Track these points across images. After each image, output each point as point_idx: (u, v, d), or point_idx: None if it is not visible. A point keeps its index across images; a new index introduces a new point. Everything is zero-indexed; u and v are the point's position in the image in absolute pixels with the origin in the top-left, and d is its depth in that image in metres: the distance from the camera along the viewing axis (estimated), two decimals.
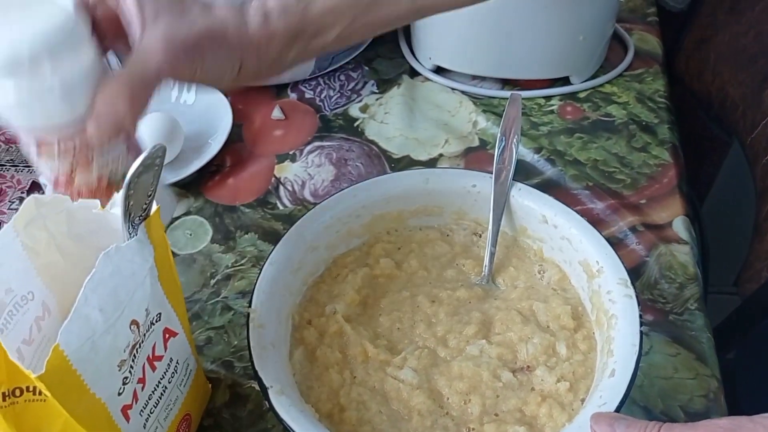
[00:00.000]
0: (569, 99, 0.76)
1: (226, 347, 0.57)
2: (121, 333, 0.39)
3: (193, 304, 0.60)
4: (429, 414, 0.46)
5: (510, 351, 0.49)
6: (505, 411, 0.47)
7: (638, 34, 0.84)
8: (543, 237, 0.55)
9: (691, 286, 0.59)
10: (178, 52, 0.42)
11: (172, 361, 0.46)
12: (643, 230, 0.63)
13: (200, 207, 0.68)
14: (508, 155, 0.56)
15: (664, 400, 0.52)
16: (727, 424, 0.36)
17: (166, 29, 0.41)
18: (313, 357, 0.50)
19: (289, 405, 0.44)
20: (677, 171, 0.68)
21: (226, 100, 0.74)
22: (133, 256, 0.39)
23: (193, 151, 0.70)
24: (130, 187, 0.37)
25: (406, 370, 0.48)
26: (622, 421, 0.40)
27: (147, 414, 0.43)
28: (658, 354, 0.55)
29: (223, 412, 0.53)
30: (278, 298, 0.50)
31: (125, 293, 0.39)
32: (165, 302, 0.44)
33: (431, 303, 0.52)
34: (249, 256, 0.63)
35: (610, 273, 0.50)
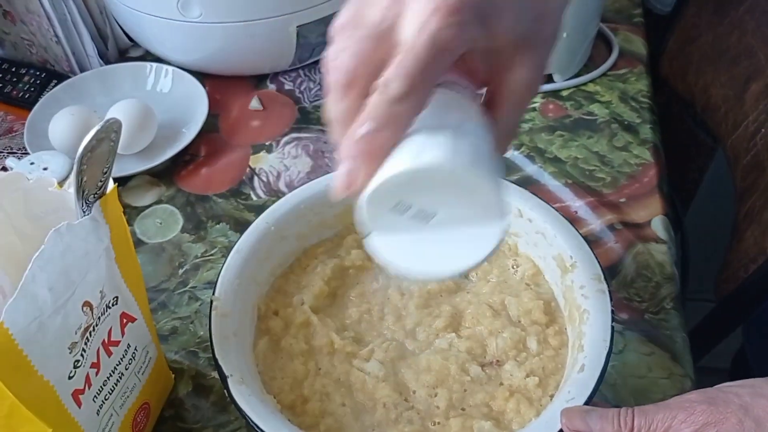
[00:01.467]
0: (552, 97, 0.76)
1: (191, 337, 0.55)
2: (72, 314, 0.37)
3: (159, 293, 0.58)
4: (394, 407, 0.45)
5: (479, 345, 0.48)
6: (471, 405, 0.46)
7: (623, 35, 0.83)
8: (518, 231, 0.54)
9: (668, 286, 0.58)
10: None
11: (130, 347, 0.44)
12: (621, 228, 0.62)
13: (172, 196, 0.66)
14: None
15: (637, 399, 0.51)
16: (698, 397, 0.36)
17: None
18: (277, 347, 0.49)
19: (248, 395, 0.43)
20: (658, 171, 0.68)
21: (203, 89, 0.73)
22: (87, 235, 0.38)
23: (166, 140, 0.69)
24: (82, 162, 0.35)
25: (372, 363, 0.47)
26: (593, 412, 0.39)
27: (101, 400, 0.42)
28: (632, 353, 0.54)
29: (186, 402, 0.52)
30: (244, 287, 0.49)
31: (77, 273, 0.37)
32: (122, 285, 0.42)
33: (401, 295, 0.51)
34: (219, 247, 0.62)
35: (583, 268, 0.49)
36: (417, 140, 0.32)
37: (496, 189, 0.32)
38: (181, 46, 0.74)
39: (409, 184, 0.31)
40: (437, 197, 0.32)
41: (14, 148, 0.71)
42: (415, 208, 0.32)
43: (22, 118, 0.73)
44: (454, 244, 0.33)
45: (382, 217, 0.33)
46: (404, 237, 0.33)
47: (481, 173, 0.31)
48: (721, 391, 0.36)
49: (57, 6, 0.72)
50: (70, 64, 0.76)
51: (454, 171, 0.31)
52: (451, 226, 0.33)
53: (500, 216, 0.32)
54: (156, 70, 0.76)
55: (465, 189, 0.31)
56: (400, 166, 0.31)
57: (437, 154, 0.31)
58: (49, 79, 0.77)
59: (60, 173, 0.59)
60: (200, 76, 0.75)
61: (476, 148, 0.32)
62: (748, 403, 0.35)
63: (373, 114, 0.31)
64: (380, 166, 0.32)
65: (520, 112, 0.37)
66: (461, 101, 0.35)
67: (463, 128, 0.33)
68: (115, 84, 0.75)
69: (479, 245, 0.33)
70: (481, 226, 0.33)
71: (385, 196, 0.32)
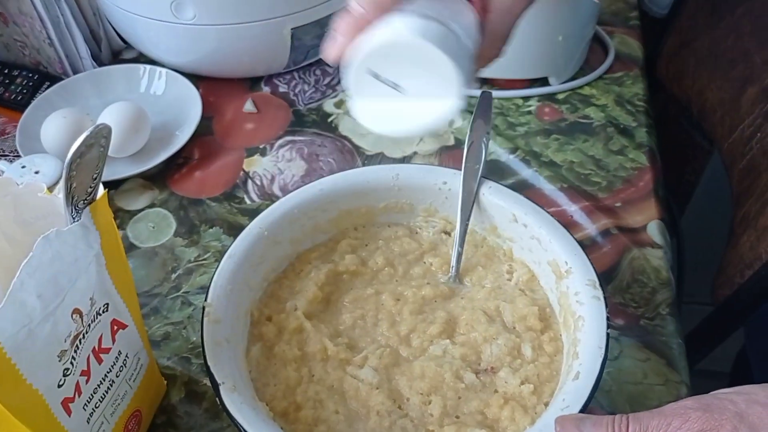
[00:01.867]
0: (547, 100, 0.75)
1: (183, 343, 0.55)
2: (61, 321, 0.37)
3: (152, 298, 0.58)
4: (388, 414, 0.45)
5: (474, 352, 0.48)
6: (466, 413, 0.45)
7: (619, 38, 0.83)
8: (513, 236, 0.54)
9: (664, 291, 0.57)
10: None
11: (121, 354, 0.44)
12: (616, 233, 0.62)
13: (165, 199, 0.66)
14: (478, 154, 0.55)
15: (632, 406, 0.51)
16: (694, 404, 0.36)
17: None
18: (270, 353, 0.48)
19: (240, 402, 0.42)
20: (654, 175, 0.68)
21: (197, 92, 0.72)
22: (76, 242, 0.37)
23: (160, 142, 0.69)
24: (72, 168, 0.35)
25: (366, 369, 0.47)
26: (587, 420, 0.38)
27: (91, 408, 0.42)
28: (627, 359, 0.53)
29: (178, 409, 0.51)
30: (236, 292, 0.49)
31: (66, 280, 0.37)
32: (113, 292, 0.42)
33: (396, 301, 0.51)
34: (213, 251, 0.61)
35: (578, 274, 0.48)
36: (395, 19, 0.38)
37: (456, 67, 0.37)
38: (174, 48, 0.73)
39: (382, 56, 0.37)
40: (407, 70, 0.38)
41: (6, 150, 0.71)
42: (388, 78, 0.38)
43: (14, 121, 0.72)
44: (418, 111, 0.39)
45: (362, 83, 0.38)
46: (379, 101, 0.39)
47: (444, 51, 0.36)
48: (716, 398, 0.36)
49: (50, 8, 0.72)
50: (63, 66, 0.76)
51: (416, 45, 0.36)
52: (417, 96, 0.38)
53: (456, 93, 0.38)
54: (149, 72, 0.75)
55: (430, 64, 0.37)
56: (374, 40, 0.37)
57: (407, 31, 0.37)
58: (42, 81, 0.77)
59: (52, 176, 0.59)
60: (194, 78, 0.75)
61: (446, 34, 0.38)
62: (744, 410, 0.35)
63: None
64: (359, 39, 0.38)
65: (510, 19, 0.42)
66: (454, 1, 0.41)
67: (443, 17, 0.39)
68: (108, 86, 0.75)
69: (436, 114, 0.39)
70: (441, 99, 0.38)
71: (362, 64, 0.38)
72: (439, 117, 0.39)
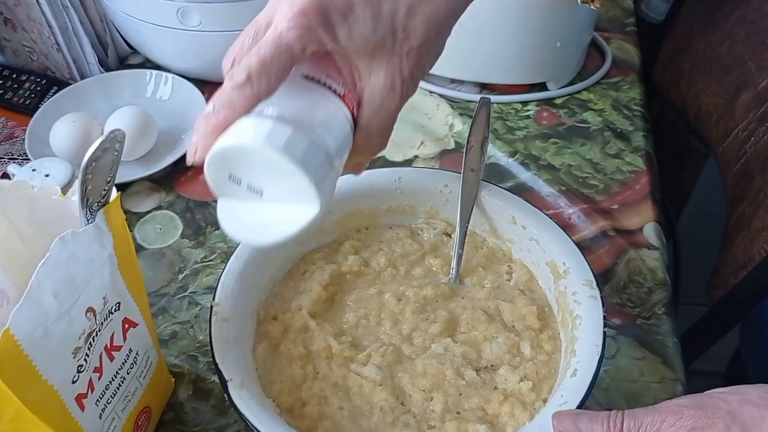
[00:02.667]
0: (546, 105, 0.77)
1: (191, 342, 0.56)
2: (76, 320, 0.38)
3: (159, 298, 0.59)
4: (391, 411, 0.46)
5: (474, 350, 0.49)
6: (467, 409, 0.46)
7: (616, 43, 0.84)
8: (512, 238, 0.55)
9: (660, 291, 0.59)
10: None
11: (132, 351, 0.45)
12: (613, 235, 0.63)
13: (171, 202, 0.67)
14: (478, 158, 0.56)
15: (629, 403, 0.52)
16: (688, 402, 0.37)
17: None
18: (276, 352, 0.50)
19: (248, 398, 0.43)
20: (650, 178, 0.69)
21: (202, 96, 0.74)
22: (91, 243, 0.39)
23: (166, 146, 0.70)
24: (87, 172, 0.36)
25: (369, 367, 0.48)
26: (583, 415, 0.40)
27: (103, 404, 0.43)
28: (624, 357, 0.55)
29: (185, 406, 0.52)
30: (243, 292, 0.50)
31: (81, 279, 0.38)
32: (125, 292, 0.43)
33: (398, 301, 0.52)
34: (218, 252, 0.63)
35: (576, 274, 0.50)
36: (246, 122, 0.36)
37: (307, 174, 0.35)
38: (180, 54, 0.75)
39: (233, 159, 0.36)
40: (263, 175, 0.36)
41: (15, 153, 0.72)
42: (245, 182, 0.37)
43: (22, 124, 0.74)
44: (275, 218, 0.37)
45: (223, 185, 0.37)
46: (240, 205, 0.38)
47: (290, 159, 0.35)
48: (710, 397, 0.37)
49: (58, 14, 0.73)
50: (71, 71, 0.77)
51: (261, 152, 0.35)
52: (275, 202, 0.37)
53: (313, 200, 0.36)
54: (156, 77, 0.76)
55: (282, 171, 0.35)
56: (220, 143, 0.36)
57: (251, 135, 0.35)
58: (50, 85, 0.78)
59: (61, 179, 0.60)
60: (199, 83, 0.76)
61: (298, 134, 0.35)
62: (736, 410, 0.36)
63: (217, 96, 0.37)
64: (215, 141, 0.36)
65: (383, 114, 0.40)
66: (321, 97, 0.39)
67: (305, 117, 0.37)
68: (115, 91, 0.76)
69: (292, 223, 0.37)
70: (298, 207, 0.36)
71: (217, 168, 0.36)
72: (297, 225, 0.37)
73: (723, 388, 0.38)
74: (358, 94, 0.40)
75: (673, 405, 0.37)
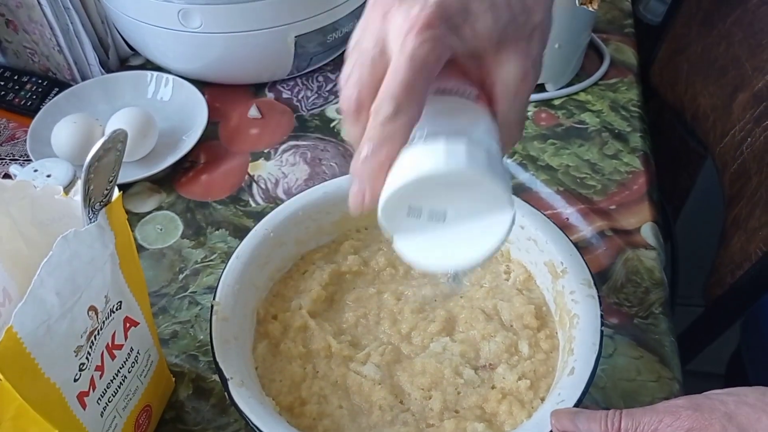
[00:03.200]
0: (544, 106, 0.77)
1: (191, 341, 0.57)
2: (78, 318, 0.39)
3: (160, 298, 0.59)
4: (390, 409, 0.47)
5: (473, 349, 0.50)
6: (465, 407, 0.47)
7: (614, 45, 0.85)
8: (510, 238, 0.55)
9: (657, 291, 0.59)
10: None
11: (133, 350, 0.46)
12: (611, 235, 0.64)
13: (172, 202, 0.68)
14: None
15: (626, 402, 0.52)
16: (685, 403, 0.37)
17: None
18: (276, 350, 0.50)
19: (248, 397, 0.44)
20: (648, 178, 0.69)
21: (203, 98, 0.74)
22: (93, 242, 0.39)
23: (167, 147, 0.70)
24: (90, 171, 0.37)
25: (368, 366, 0.48)
26: (581, 414, 0.40)
27: (105, 402, 0.43)
28: (621, 356, 0.55)
29: (186, 405, 0.53)
30: (243, 292, 0.51)
31: (83, 278, 0.38)
32: (126, 291, 0.44)
33: (397, 300, 0.53)
34: (219, 252, 0.63)
35: (573, 274, 0.50)
36: (415, 151, 0.34)
37: (497, 181, 0.34)
38: (181, 56, 0.75)
39: (413, 192, 0.34)
40: (444, 197, 0.35)
41: (16, 155, 0.73)
42: (426, 210, 0.35)
43: (24, 126, 0.74)
44: (468, 236, 0.36)
45: (400, 222, 0.35)
46: (423, 236, 0.36)
47: (477, 170, 0.33)
48: (707, 398, 0.37)
49: (59, 16, 0.73)
50: (72, 72, 0.78)
51: (449, 174, 0.33)
52: (463, 221, 0.35)
53: (506, 205, 0.35)
54: (156, 78, 0.77)
55: (467, 186, 0.34)
56: (400, 179, 0.34)
57: (431, 163, 0.33)
58: (51, 87, 0.78)
59: (63, 180, 0.60)
60: (200, 84, 0.76)
61: (471, 146, 0.34)
62: (733, 411, 0.36)
63: (370, 136, 0.34)
64: (384, 182, 0.35)
65: (519, 104, 0.38)
66: (460, 105, 0.37)
67: (458, 129, 0.35)
68: (116, 92, 0.76)
69: (492, 234, 0.35)
70: (490, 217, 0.35)
71: (395, 206, 0.35)
72: (499, 235, 0.35)
73: (720, 390, 0.39)
74: (488, 90, 0.38)
75: (670, 405, 0.38)
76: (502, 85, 0.37)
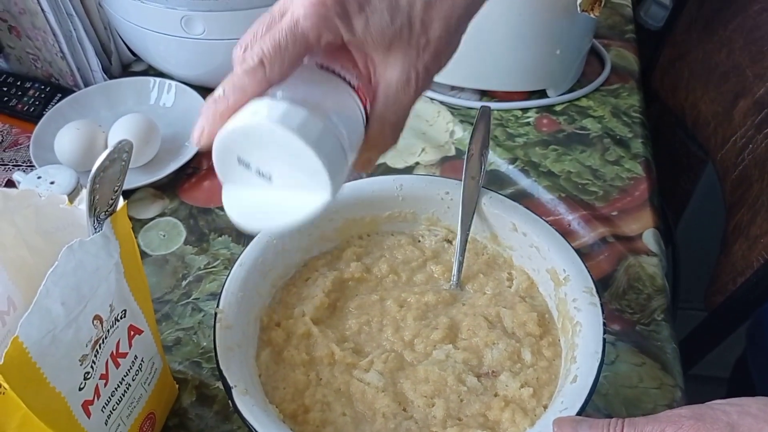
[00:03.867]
0: (546, 112, 0.77)
1: (194, 348, 0.57)
2: (83, 327, 0.39)
3: (163, 304, 0.60)
4: (393, 416, 0.47)
5: (475, 356, 0.50)
6: (468, 415, 0.47)
7: (616, 51, 0.85)
8: (513, 245, 0.55)
9: (659, 298, 0.59)
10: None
11: (137, 358, 0.46)
12: (613, 241, 0.64)
13: (175, 209, 0.68)
14: (478, 165, 0.57)
15: (628, 409, 0.53)
16: (687, 413, 0.37)
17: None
18: (279, 358, 0.50)
19: (252, 405, 0.44)
20: (649, 185, 0.69)
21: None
22: (98, 251, 0.39)
23: (169, 153, 0.70)
24: (95, 181, 0.37)
25: (372, 373, 0.49)
26: (584, 422, 0.40)
27: (109, 411, 0.43)
28: (623, 363, 0.55)
29: (189, 412, 0.53)
30: (247, 299, 0.51)
31: (88, 288, 0.39)
32: (131, 299, 0.44)
33: (399, 307, 0.53)
34: (222, 259, 0.63)
35: (576, 281, 0.50)
36: (258, 103, 0.35)
37: (321, 157, 0.34)
38: (184, 62, 0.75)
39: (244, 141, 0.35)
40: (273, 159, 0.35)
41: (19, 161, 0.73)
42: (254, 166, 0.36)
43: (27, 132, 0.74)
44: (285, 204, 0.37)
45: (230, 170, 0.36)
46: (247, 193, 0.37)
47: (304, 139, 0.34)
48: (710, 408, 0.37)
49: (62, 22, 0.74)
50: (75, 78, 0.78)
51: (274, 131, 0.34)
52: (284, 188, 0.36)
53: (325, 187, 0.35)
54: (159, 84, 0.77)
55: (294, 154, 0.34)
56: (231, 124, 0.35)
57: (263, 115, 0.34)
58: (54, 93, 0.79)
59: (66, 187, 0.60)
60: (203, 90, 0.76)
61: (311, 117, 0.35)
62: (735, 421, 0.36)
63: (226, 81, 0.37)
64: (223, 124, 0.36)
65: (397, 109, 0.40)
66: (333, 85, 0.38)
67: (316, 103, 0.36)
68: (119, 98, 0.77)
69: (303, 209, 0.36)
70: (308, 194, 0.36)
71: (225, 150, 0.36)
72: (305, 211, 0.36)
73: (723, 400, 0.39)
74: (373, 88, 0.39)
75: (673, 415, 0.38)
76: (385, 85, 0.39)
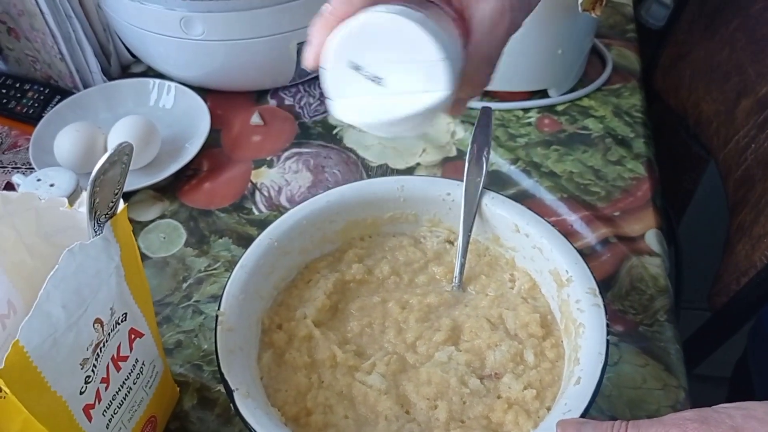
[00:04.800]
0: (547, 112, 0.77)
1: (195, 351, 0.56)
2: (84, 331, 0.39)
3: (164, 307, 0.59)
4: (395, 419, 0.46)
5: (478, 358, 0.49)
6: (471, 417, 0.47)
7: (617, 50, 0.85)
8: (515, 246, 0.55)
9: (662, 298, 0.59)
10: None
11: (138, 362, 0.45)
12: (615, 242, 0.63)
13: (175, 211, 0.68)
14: (479, 166, 0.57)
15: (631, 410, 0.52)
16: (692, 416, 0.37)
17: None
18: (281, 360, 0.50)
19: (254, 408, 0.44)
20: (651, 185, 0.69)
21: (205, 105, 0.74)
22: (98, 255, 0.39)
23: (169, 155, 0.70)
24: (95, 184, 0.37)
25: (374, 376, 0.48)
26: (588, 424, 0.40)
27: (110, 414, 0.43)
28: (627, 364, 0.55)
29: (191, 415, 0.53)
30: (248, 301, 0.50)
31: (89, 291, 0.38)
32: (131, 302, 0.44)
33: (401, 309, 0.53)
34: (222, 261, 0.63)
35: (579, 282, 0.50)
36: (371, 10, 0.36)
37: (441, 50, 0.34)
38: (183, 63, 0.75)
39: (357, 42, 0.35)
40: (385, 59, 0.36)
41: (18, 163, 0.73)
42: (367, 70, 0.36)
43: (26, 134, 0.74)
44: (403, 105, 0.37)
45: (341, 80, 0.37)
46: (360, 100, 0.37)
47: (424, 30, 0.34)
48: (715, 411, 0.37)
49: (61, 24, 0.73)
50: (74, 80, 0.78)
51: (394, 21, 0.34)
52: (399, 91, 0.36)
53: (442, 82, 0.35)
54: (159, 86, 0.77)
55: (411, 48, 0.35)
56: (346, 24, 0.35)
57: (381, 10, 0.35)
58: (53, 94, 0.78)
59: (66, 189, 0.60)
60: (202, 91, 0.76)
61: (430, 20, 0.35)
62: (740, 425, 0.36)
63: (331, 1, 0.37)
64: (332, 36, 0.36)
65: (493, 40, 0.40)
66: (436, 13, 0.38)
67: (424, 18, 0.36)
68: (118, 100, 0.76)
69: (421, 102, 0.36)
70: (424, 92, 0.36)
71: (338, 54, 0.36)
72: (427, 109, 0.36)
73: (728, 404, 0.38)
74: (467, 24, 0.40)
75: (677, 418, 0.37)
76: (479, 18, 0.39)
